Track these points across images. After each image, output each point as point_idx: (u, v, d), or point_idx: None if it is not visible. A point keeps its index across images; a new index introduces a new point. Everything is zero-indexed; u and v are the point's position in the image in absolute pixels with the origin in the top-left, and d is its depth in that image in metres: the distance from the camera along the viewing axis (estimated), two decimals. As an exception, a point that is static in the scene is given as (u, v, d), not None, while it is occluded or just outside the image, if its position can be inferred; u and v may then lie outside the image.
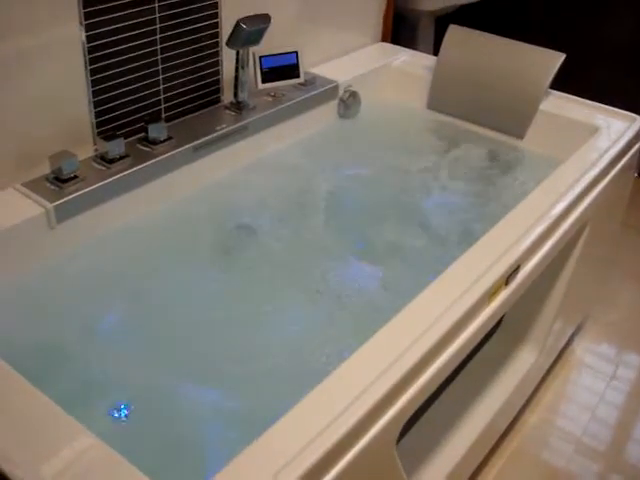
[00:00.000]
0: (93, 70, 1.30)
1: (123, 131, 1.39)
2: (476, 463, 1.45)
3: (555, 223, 1.27)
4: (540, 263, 1.24)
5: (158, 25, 1.38)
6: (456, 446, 1.31)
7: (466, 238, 1.37)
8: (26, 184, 1.23)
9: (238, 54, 1.48)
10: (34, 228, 1.18)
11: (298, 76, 1.63)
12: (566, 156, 1.47)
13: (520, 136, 1.71)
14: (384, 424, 0.89)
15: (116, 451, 0.78)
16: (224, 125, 1.49)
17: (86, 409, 0.96)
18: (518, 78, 1.69)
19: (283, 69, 1.60)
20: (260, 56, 1.55)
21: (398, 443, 0.97)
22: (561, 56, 1.66)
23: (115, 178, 1.28)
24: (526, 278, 1.20)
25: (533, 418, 1.67)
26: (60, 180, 1.23)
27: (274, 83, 1.59)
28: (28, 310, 1.14)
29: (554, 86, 1.71)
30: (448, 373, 1.03)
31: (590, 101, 1.71)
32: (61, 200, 1.21)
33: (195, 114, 1.54)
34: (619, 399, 1.75)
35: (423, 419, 1.33)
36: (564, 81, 1.71)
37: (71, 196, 1.22)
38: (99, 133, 1.35)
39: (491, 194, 1.58)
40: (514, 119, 1.71)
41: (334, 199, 1.54)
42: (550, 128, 1.67)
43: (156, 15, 1.37)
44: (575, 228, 1.37)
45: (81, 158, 1.28)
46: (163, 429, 1.01)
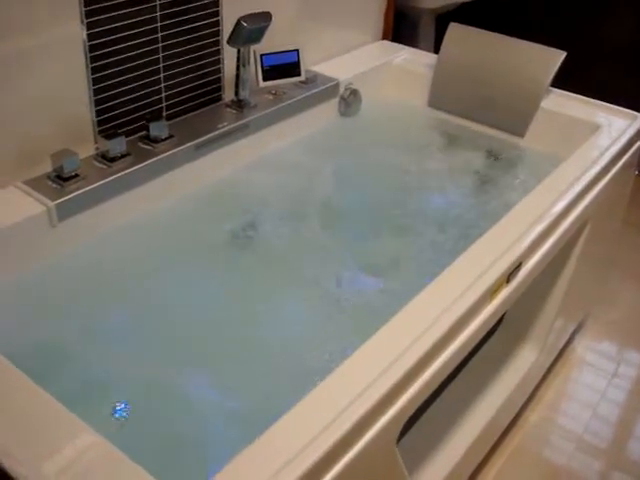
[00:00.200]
0: (94, 68, 1.30)
1: (124, 129, 1.39)
2: (477, 461, 1.45)
3: (556, 221, 1.27)
4: (541, 261, 1.24)
5: (159, 23, 1.38)
6: (457, 444, 1.31)
7: (466, 236, 1.37)
8: (27, 182, 1.23)
9: (239, 52, 1.48)
10: (35, 226, 1.18)
11: (299, 74, 1.62)
12: (567, 154, 1.46)
13: (521, 134, 1.71)
14: (385, 423, 0.89)
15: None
16: (225, 123, 1.49)
17: (86, 408, 0.95)
18: (519, 76, 1.69)
19: (284, 67, 1.59)
20: (261, 54, 1.55)
21: (399, 441, 0.97)
22: (562, 54, 1.66)
23: (116, 176, 1.28)
24: (527, 276, 1.20)
25: (534, 416, 1.67)
26: (61, 178, 1.23)
27: (275, 81, 1.59)
28: (28, 309, 1.14)
29: (554, 86, 1.71)
30: (449, 371, 1.03)
31: (591, 99, 1.71)
32: (62, 198, 1.21)
33: (196, 112, 1.53)
34: (620, 397, 1.75)
35: (424, 417, 1.32)
36: (564, 81, 1.71)
37: (72, 194, 1.22)
38: (100, 131, 1.35)
39: (492, 192, 1.58)
40: (515, 117, 1.71)
41: (335, 197, 1.53)
42: (551, 126, 1.66)
43: (157, 13, 1.37)
44: (576, 226, 1.37)
45: (82, 156, 1.28)
46: (163, 428, 1.00)
